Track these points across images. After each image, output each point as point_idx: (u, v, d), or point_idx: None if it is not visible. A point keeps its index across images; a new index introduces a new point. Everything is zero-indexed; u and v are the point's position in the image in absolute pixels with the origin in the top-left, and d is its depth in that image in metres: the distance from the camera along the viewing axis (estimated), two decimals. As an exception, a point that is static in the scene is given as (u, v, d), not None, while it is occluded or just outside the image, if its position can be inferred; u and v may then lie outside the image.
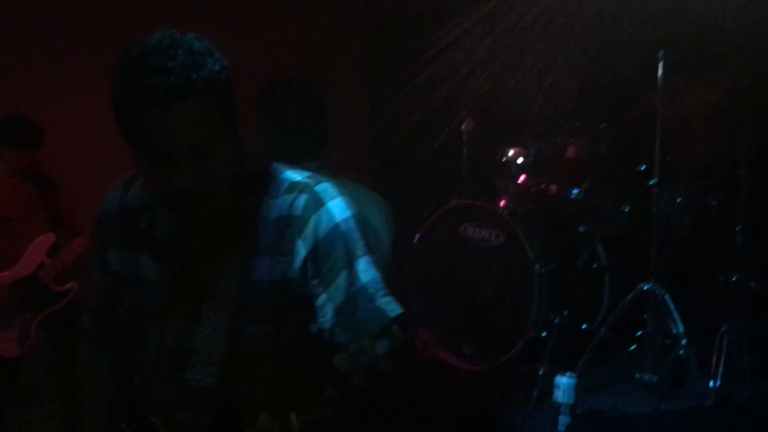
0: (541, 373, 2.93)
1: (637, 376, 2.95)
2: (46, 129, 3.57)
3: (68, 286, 3.63)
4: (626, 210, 3.11)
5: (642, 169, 3.06)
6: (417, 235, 3.44)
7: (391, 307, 1.29)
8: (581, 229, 3.35)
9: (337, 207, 1.29)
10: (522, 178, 3.36)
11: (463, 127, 3.61)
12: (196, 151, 1.15)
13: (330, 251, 1.27)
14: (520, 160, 3.40)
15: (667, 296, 2.92)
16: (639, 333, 3.10)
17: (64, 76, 4.48)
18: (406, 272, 3.24)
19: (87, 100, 4.50)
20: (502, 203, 3.33)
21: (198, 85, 1.12)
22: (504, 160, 3.46)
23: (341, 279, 1.27)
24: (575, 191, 3.11)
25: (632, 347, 3.12)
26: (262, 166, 1.34)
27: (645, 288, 2.96)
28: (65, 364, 3.78)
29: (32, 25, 4.39)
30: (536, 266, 3.07)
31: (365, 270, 1.28)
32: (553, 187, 3.17)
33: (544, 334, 3.07)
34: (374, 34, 5.41)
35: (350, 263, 1.27)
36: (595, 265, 3.37)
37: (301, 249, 1.26)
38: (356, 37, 5.47)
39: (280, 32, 4.25)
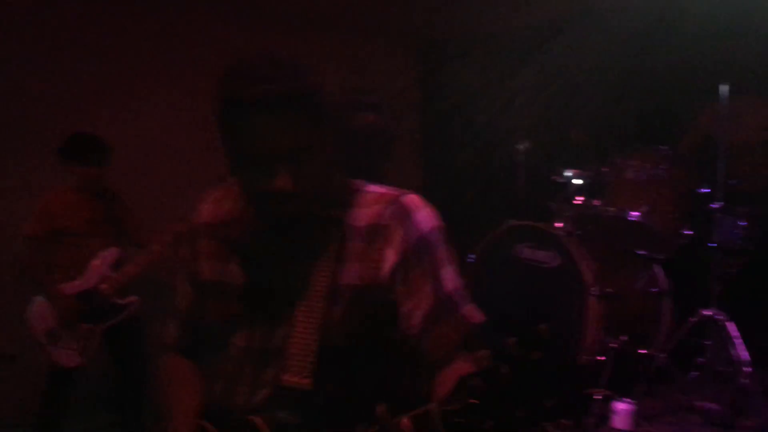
0: (597, 398, 2.88)
1: (698, 404, 2.87)
2: (112, 146, 3.70)
3: (129, 299, 3.74)
4: (687, 234, 3.05)
5: (704, 192, 3.01)
6: (471, 256, 3.44)
7: (474, 315, 1.35)
8: (640, 252, 3.30)
9: (424, 217, 1.35)
10: (579, 199, 3.33)
11: (518, 147, 3.60)
12: (291, 156, 1.24)
13: (417, 261, 1.32)
14: (577, 181, 3.37)
15: (729, 322, 2.85)
16: (699, 359, 3.03)
17: (130, 94, 4.62)
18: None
19: (151, 117, 4.65)
20: (558, 225, 3.30)
21: (298, 95, 1.22)
22: (561, 181, 3.44)
23: (427, 288, 1.32)
24: (634, 214, 3.06)
25: (692, 374, 3.05)
26: (347, 179, 1.41)
27: (706, 313, 2.89)
28: (123, 375, 3.89)
29: (99, 44, 4.55)
30: (593, 289, 3.02)
31: (450, 279, 1.34)
32: (612, 210, 3.13)
33: (600, 358, 3.01)
34: (427, 54, 5.45)
35: (436, 272, 1.33)
36: (654, 289, 3.31)
37: (390, 257, 1.32)
38: (409, 56, 5.52)
39: (333, 52, 4.33)
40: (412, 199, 1.37)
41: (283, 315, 1.34)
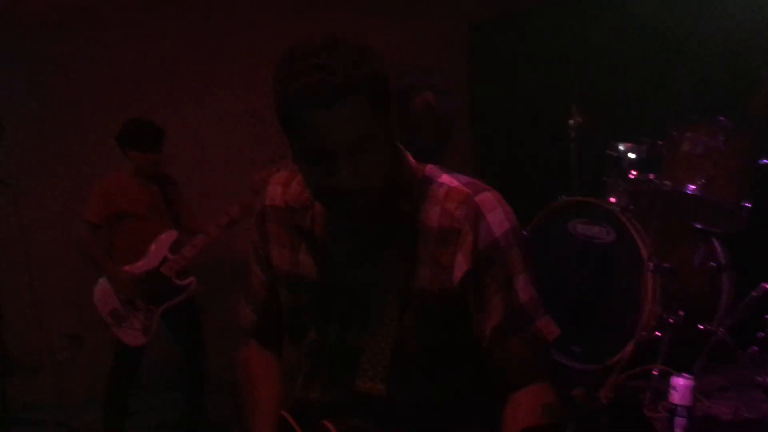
0: (654, 374, 2.85)
1: (759, 379, 2.81)
2: (168, 131, 3.78)
3: (188, 280, 3.85)
4: (747, 206, 2.97)
5: (764, 163, 2.92)
6: (524, 233, 3.41)
7: (550, 329, 1.29)
8: (698, 226, 3.23)
9: (497, 220, 1.27)
10: (634, 173, 3.28)
11: (570, 122, 3.55)
12: (354, 149, 1.17)
13: (489, 267, 1.26)
14: (632, 155, 3.31)
15: (792, 296, 2.78)
16: (759, 334, 2.96)
17: (184, 82, 4.72)
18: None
19: (205, 104, 4.73)
20: (612, 200, 3.25)
21: (358, 82, 1.14)
22: (615, 155, 3.38)
23: (498, 298, 1.26)
24: (691, 187, 3.00)
25: (753, 349, 2.98)
26: (417, 170, 1.33)
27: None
28: (184, 354, 4.00)
29: (155, 33, 4.64)
30: (650, 264, 2.97)
31: (524, 288, 1.27)
32: (668, 183, 3.06)
33: (657, 334, 2.97)
34: (476, 31, 5.39)
35: (509, 282, 1.27)
36: (712, 264, 3.24)
37: (461, 263, 1.26)
38: (457, 34, 5.47)
39: (380, 32, 4.32)
40: (486, 199, 1.29)
41: (356, 314, 1.31)
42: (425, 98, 2.09)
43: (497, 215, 1.28)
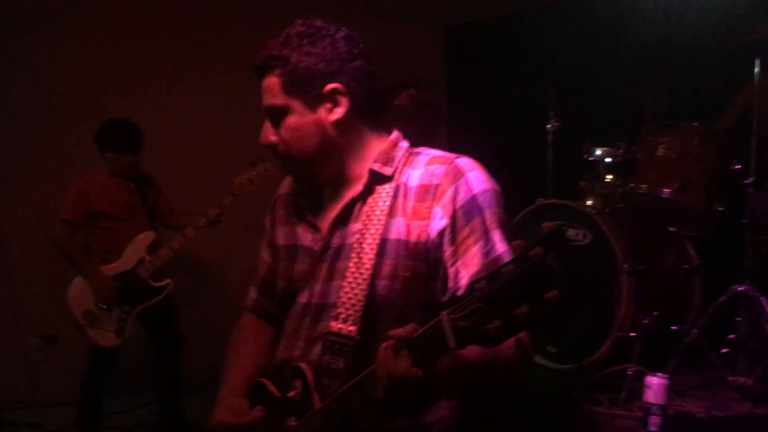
0: (629, 373, 2.90)
1: (731, 379, 2.88)
2: (145, 132, 3.76)
3: (164, 282, 3.81)
4: (719, 210, 3.05)
5: (736, 168, 3.00)
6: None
7: None
8: (671, 229, 3.30)
9: (477, 178, 1.35)
10: (610, 177, 3.34)
11: (547, 126, 3.61)
12: (271, 116, 1.43)
13: (467, 221, 1.32)
14: (608, 160, 3.38)
15: (762, 298, 2.85)
16: (731, 336, 3.03)
17: (162, 81, 4.69)
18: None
19: (183, 104, 4.71)
20: (588, 203, 3.31)
21: (273, 63, 1.39)
22: (591, 159, 3.44)
23: (476, 248, 1.31)
24: (666, 191, 3.06)
25: (724, 350, 3.05)
26: (406, 145, 1.47)
27: (739, 289, 2.89)
28: (159, 355, 3.97)
29: (132, 31, 4.61)
30: (625, 266, 3.03)
31: (501, 242, 1.32)
32: (643, 187, 3.13)
33: (632, 334, 3.03)
34: (452, 36, 5.44)
35: (486, 234, 1.32)
36: (685, 266, 3.31)
37: (439, 215, 1.33)
38: (434, 39, 5.53)
39: (359, 35, 4.34)
40: (468, 162, 1.38)
41: (340, 270, 1.40)
42: (410, 93, 2.24)
43: (477, 175, 1.36)
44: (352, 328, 1.33)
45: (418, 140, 1.48)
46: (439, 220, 1.33)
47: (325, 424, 1.30)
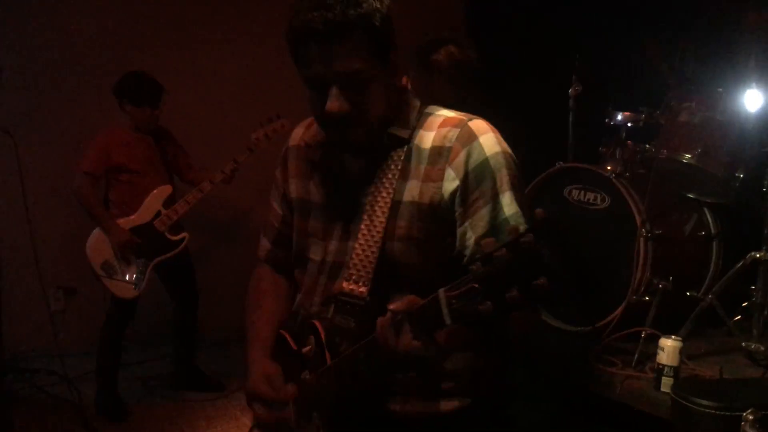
0: (643, 336, 2.92)
1: (744, 345, 2.90)
2: (166, 87, 3.77)
3: (181, 235, 3.86)
4: (740, 177, 3.03)
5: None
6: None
7: None
8: (690, 195, 3.29)
9: (489, 141, 1.36)
10: (630, 142, 3.32)
11: (570, 90, 3.57)
12: (347, 82, 1.28)
13: (478, 183, 1.33)
14: (629, 125, 3.35)
15: (780, 265, 2.85)
16: (745, 304, 3.04)
17: (182, 37, 4.67)
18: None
19: (203, 60, 4.70)
20: (608, 167, 3.30)
21: (352, 21, 1.24)
22: (612, 123, 3.41)
23: (485, 211, 1.33)
24: (687, 156, 3.04)
25: (737, 317, 3.06)
26: (419, 105, 1.45)
27: (757, 256, 2.89)
28: (176, 308, 4.04)
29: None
30: (642, 230, 3.03)
31: (509, 204, 1.33)
32: (664, 152, 3.10)
33: (647, 298, 3.04)
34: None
35: (495, 196, 1.33)
36: (702, 233, 3.31)
37: (451, 177, 1.34)
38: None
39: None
40: (480, 124, 1.38)
41: (353, 230, 1.41)
42: (448, 50, 2.20)
43: (490, 138, 1.36)
44: (363, 289, 1.36)
45: (452, 99, 1.48)
46: (451, 182, 1.34)
47: (335, 382, 1.34)
